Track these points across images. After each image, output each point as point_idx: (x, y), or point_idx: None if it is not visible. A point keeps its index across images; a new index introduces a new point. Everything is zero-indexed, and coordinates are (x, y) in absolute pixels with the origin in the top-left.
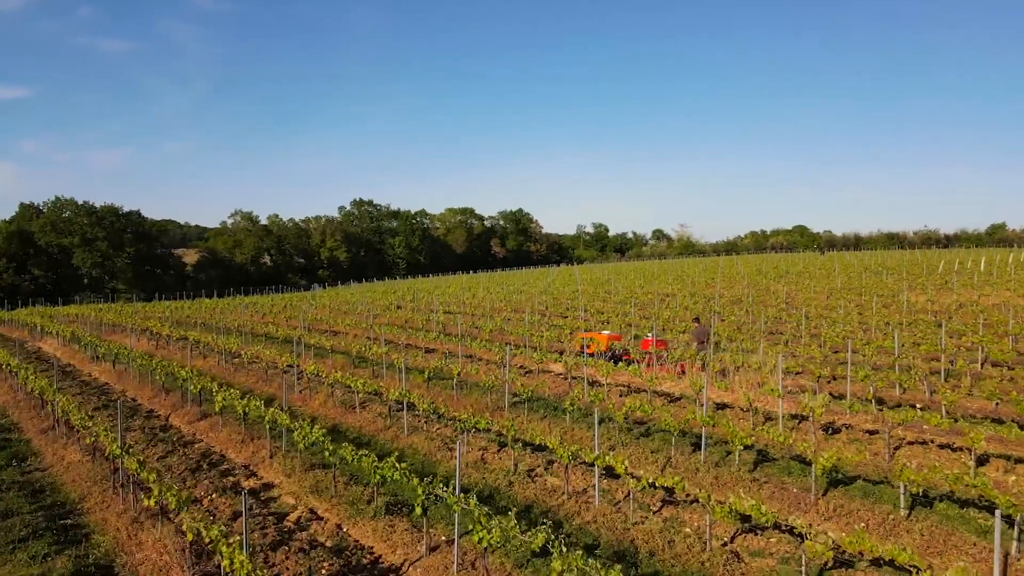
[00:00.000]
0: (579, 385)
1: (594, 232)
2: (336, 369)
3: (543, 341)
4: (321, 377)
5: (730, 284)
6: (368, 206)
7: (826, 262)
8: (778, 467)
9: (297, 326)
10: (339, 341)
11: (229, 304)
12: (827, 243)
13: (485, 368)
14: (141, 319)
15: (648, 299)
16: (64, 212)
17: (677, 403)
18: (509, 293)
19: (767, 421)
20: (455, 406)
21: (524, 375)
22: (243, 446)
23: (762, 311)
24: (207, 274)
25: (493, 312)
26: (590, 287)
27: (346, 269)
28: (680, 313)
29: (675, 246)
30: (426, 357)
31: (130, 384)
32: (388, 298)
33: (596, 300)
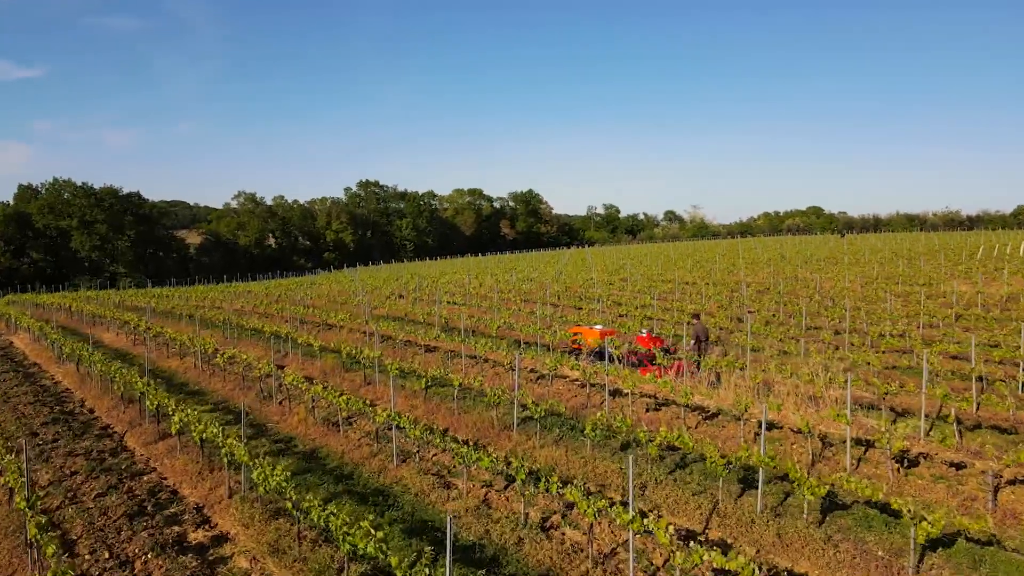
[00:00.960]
0: (598, 394)
1: (605, 213)
2: (324, 373)
3: (556, 340)
4: (302, 389)
5: (753, 270)
6: (375, 187)
7: (851, 246)
8: (853, 517)
9: (290, 318)
10: (332, 337)
11: (225, 291)
12: (845, 225)
13: (492, 372)
14: (124, 310)
15: (667, 288)
16: (62, 194)
17: (714, 421)
18: (519, 281)
19: (825, 447)
20: (456, 424)
21: (535, 381)
22: (200, 479)
23: (795, 303)
24: (210, 257)
25: (501, 304)
26: (604, 274)
27: (352, 251)
28: (705, 305)
29: (688, 228)
30: (426, 358)
31: (91, 391)
32: (390, 286)
33: (612, 288)
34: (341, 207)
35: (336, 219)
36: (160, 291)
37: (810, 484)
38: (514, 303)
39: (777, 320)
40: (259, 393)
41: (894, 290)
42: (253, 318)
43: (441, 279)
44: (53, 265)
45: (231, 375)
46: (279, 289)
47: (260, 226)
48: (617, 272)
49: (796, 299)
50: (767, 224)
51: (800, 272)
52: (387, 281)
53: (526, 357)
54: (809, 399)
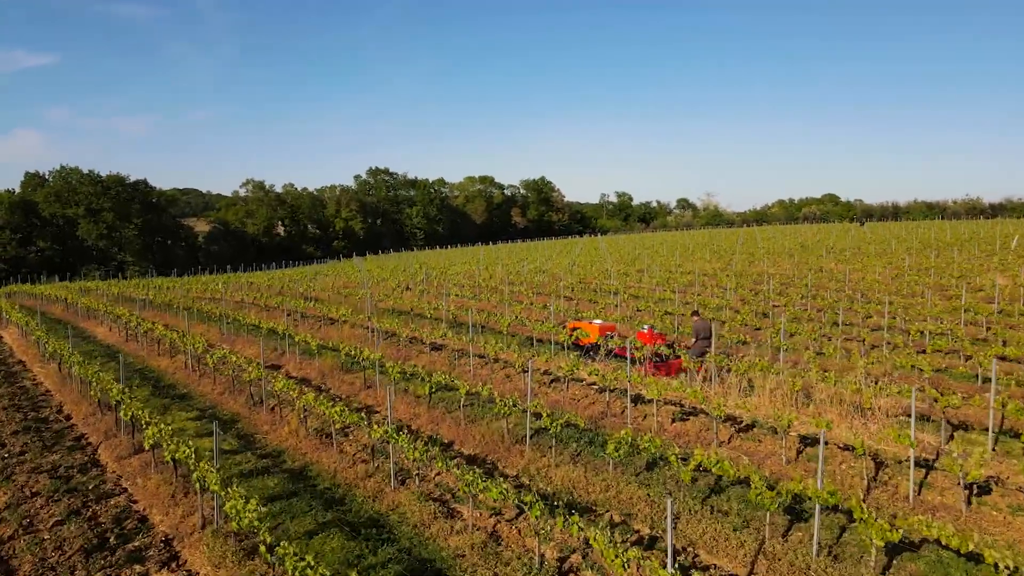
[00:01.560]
0: (618, 400)
1: (617, 201)
2: (323, 374)
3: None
4: (293, 396)
5: (774, 261)
6: (384, 175)
7: (873, 235)
8: (925, 561)
9: (291, 311)
10: (334, 334)
11: (228, 282)
12: (864, 213)
13: (502, 374)
14: (123, 302)
15: (687, 280)
16: (69, 182)
17: (749, 434)
18: (531, 272)
19: (878, 467)
20: (462, 436)
21: (549, 384)
22: (173, 504)
23: (823, 296)
24: (219, 245)
25: (512, 297)
26: (620, 265)
27: (362, 240)
28: (728, 299)
29: (701, 216)
30: (431, 358)
31: (70, 394)
32: (397, 277)
33: (628, 279)
34: (351, 195)
35: (345, 207)
36: (162, 281)
37: (880, 527)
38: (526, 296)
39: (806, 316)
40: (249, 398)
41: (928, 283)
42: (253, 311)
43: (450, 270)
44: (60, 254)
45: (221, 377)
46: (283, 280)
47: (269, 214)
48: (633, 263)
49: (824, 292)
50: (782, 212)
51: (825, 263)
52: (394, 272)
53: (539, 358)
54: (855, 409)
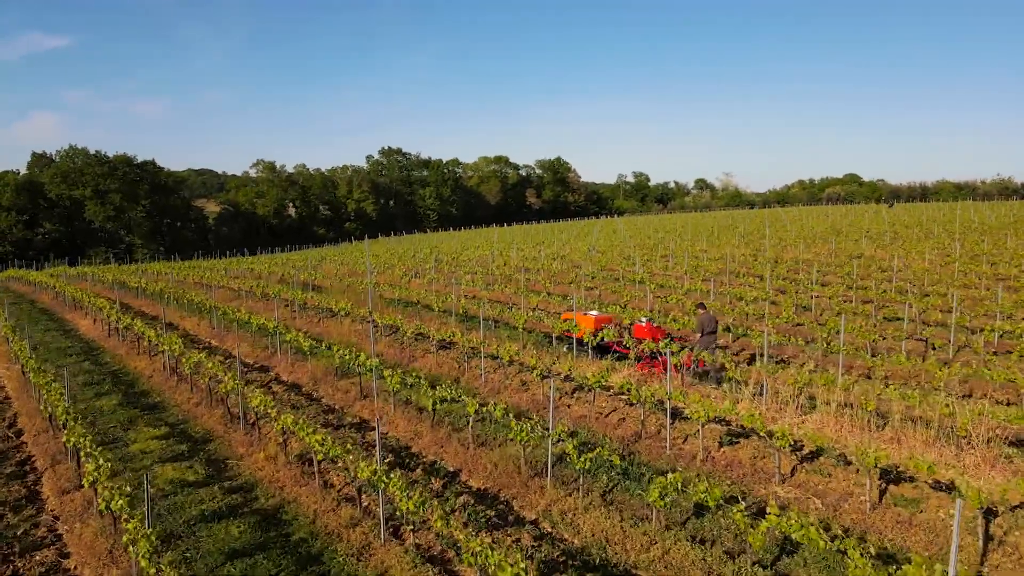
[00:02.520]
0: (652, 415)
1: (634, 182)
2: (315, 380)
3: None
4: (271, 416)
5: (807, 246)
6: (397, 155)
7: (907, 217)
8: None
9: (289, 301)
10: (333, 329)
11: (230, 267)
12: (891, 194)
13: (517, 380)
14: (117, 288)
15: (716, 268)
16: (76, 162)
17: (814, 463)
18: (547, 259)
19: (988, 516)
20: (471, 463)
21: (572, 393)
22: (110, 562)
23: (871, 288)
24: (229, 227)
25: (527, 286)
26: (642, 250)
27: (374, 221)
28: (765, 292)
29: (720, 196)
30: (439, 358)
31: (29, 403)
32: (405, 263)
33: (652, 266)
34: (363, 175)
35: (358, 188)
36: (161, 267)
37: None
38: (543, 285)
39: (850, 310)
40: (226, 412)
41: (986, 272)
42: (250, 301)
43: (462, 254)
44: (67, 236)
45: (200, 385)
46: (286, 266)
47: (279, 195)
48: (656, 248)
49: (868, 282)
50: (804, 193)
51: (863, 248)
52: (403, 258)
53: (559, 360)
54: (943, 433)
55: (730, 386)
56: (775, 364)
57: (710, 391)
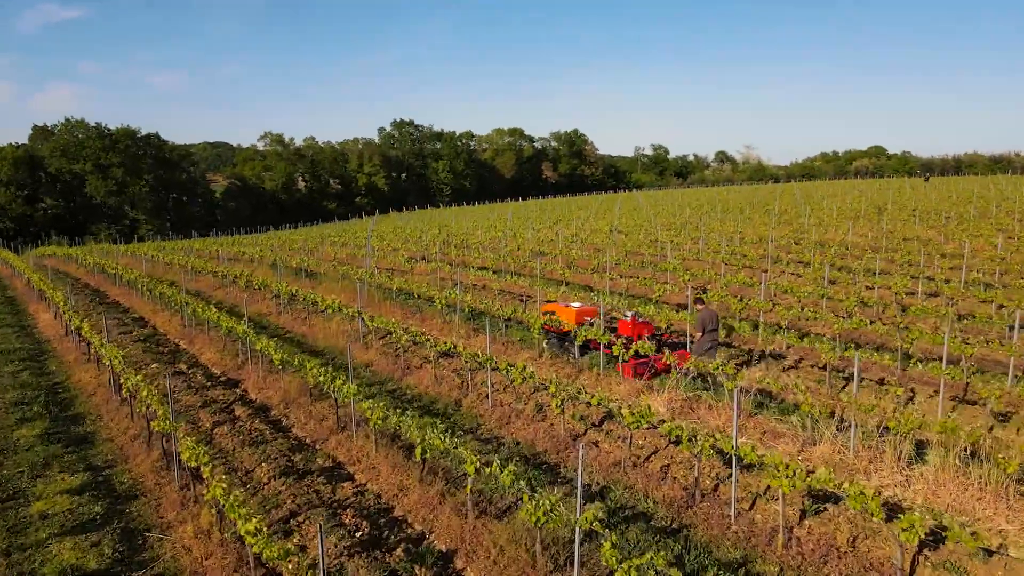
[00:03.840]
0: (709, 465)
1: (653, 155)
2: (286, 402)
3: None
4: (207, 478)
5: (849, 225)
6: (409, 127)
7: (948, 192)
8: None
9: (276, 293)
10: (319, 328)
11: (223, 246)
12: (924, 167)
13: (532, 403)
14: (92, 275)
15: (757, 253)
16: (75, 135)
17: (941, 552)
18: (565, 241)
19: None
20: (471, 540)
21: (600, 423)
22: None
23: (938, 278)
24: (237, 203)
25: (545, 274)
26: (669, 231)
27: (386, 195)
28: (820, 288)
29: (742, 170)
30: (438, 369)
31: None
32: (410, 247)
33: (683, 251)
34: (374, 148)
35: (369, 161)
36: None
37: None
38: (560, 273)
39: (918, 307)
40: (163, 456)
41: None
42: (235, 291)
43: (473, 234)
44: (69, 212)
45: (140, 409)
46: (281, 249)
47: (288, 169)
48: (684, 228)
49: (931, 270)
50: (830, 166)
51: (913, 229)
52: (409, 238)
53: (581, 374)
54: None
55: (800, 419)
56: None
57: (722, 404)
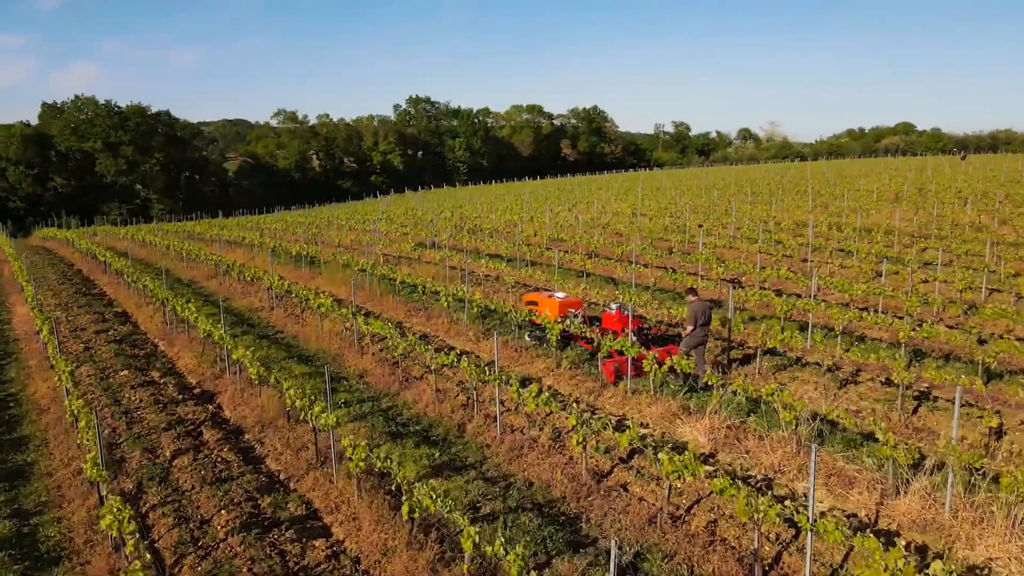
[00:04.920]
0: (769, 529)
1: (674, 132)
2: (262, 424)
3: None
4: (129, 549)
5: (890, 209)
6: (426, 104)
7: (992, 172)
8: None
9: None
10: (311, 327)
11: (223, 230)
12: (958, 144)
13: (548, 429)
14: (84, 260)
15: (796, 241)
16: (85, 113)
17: None
18: (587, 226)
19: None
20: None
21: (628, 460)
22: None
23: (985, 264)
24: (249, 181)
25: (564, 263)
26: (695, 214)
27: (402, 174)
28: (870, 285)
29: (766, 147)
30: (440, 382)
31: None
32: (419, 233)
33: (713, 236)
34: (389, 126)
35: (384, 139)
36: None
37: None
38: (580, 263)
39: (988, 306)
40: (101, 500)
41: None
42: (228, 282)
43: (487, 218)
44: (80, 191)
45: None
46: (284, 236)
47: (301, 147)
48: (711, 211)
49: (991, 261)
50: (858, 143)
51: (959, 213)
52: (420, 221)
53: (602, 392)
54: None
55: (876, 460)
56: (903, 398)
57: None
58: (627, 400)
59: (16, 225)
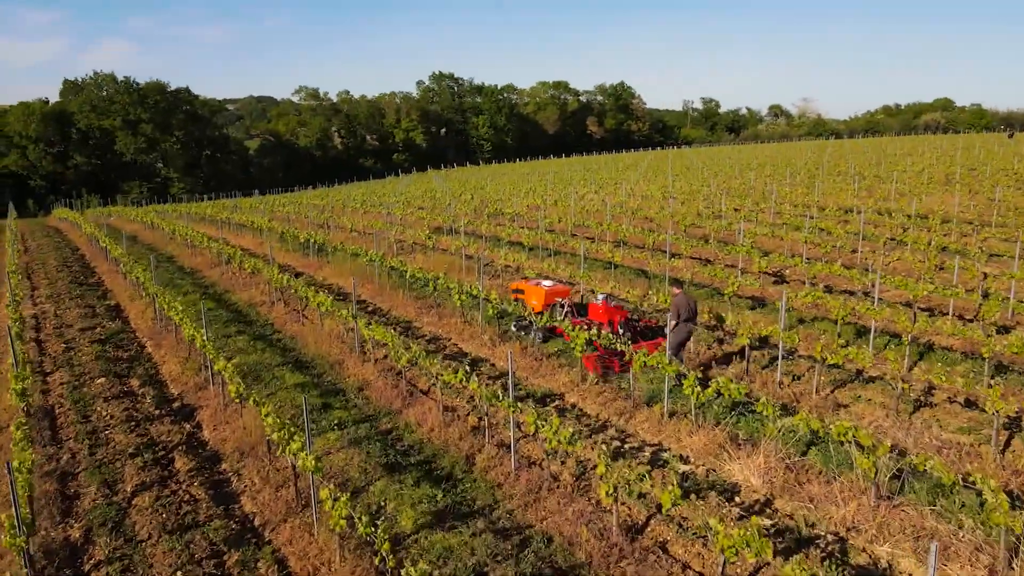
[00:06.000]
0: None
1: (703, 109)
2: (240, 452)
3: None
4: None
5: (936, 191)
6: (449, 80)
7: None
8: None
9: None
10: (308, 328)
11: (235, 211)
12: (1003, 122)
13: (570, 462)
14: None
15: (843, 230)
16: (104, 90)
17: None
18: (614, 211)
19: None
20: None
21: (670, 512)
22: None
23: None
24: (271, 159)
25: (591, 253)
26: (730, 197)
27: (424, 152)
28: (931, 290)
29: (798, 124)
30: (449, 397)
31: None
32: (436, 217)
33: (752, 221)
34: (412, 103)
35: (406, 116)
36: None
37: None
38: (608, 254)
39: None
40: None
41: None
42: (230, 273)
43: (509, 201)
44: (101, 170)
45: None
46: (295, 220)
47: (323, 124)
48: (748, 194)
49: None
50: (895, 120)
51: (1018, 198)
52: (438, 204)
53: (636, 415)
54: None
55: (987, 529)
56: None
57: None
58: (663, 425)
59: (37, 204)
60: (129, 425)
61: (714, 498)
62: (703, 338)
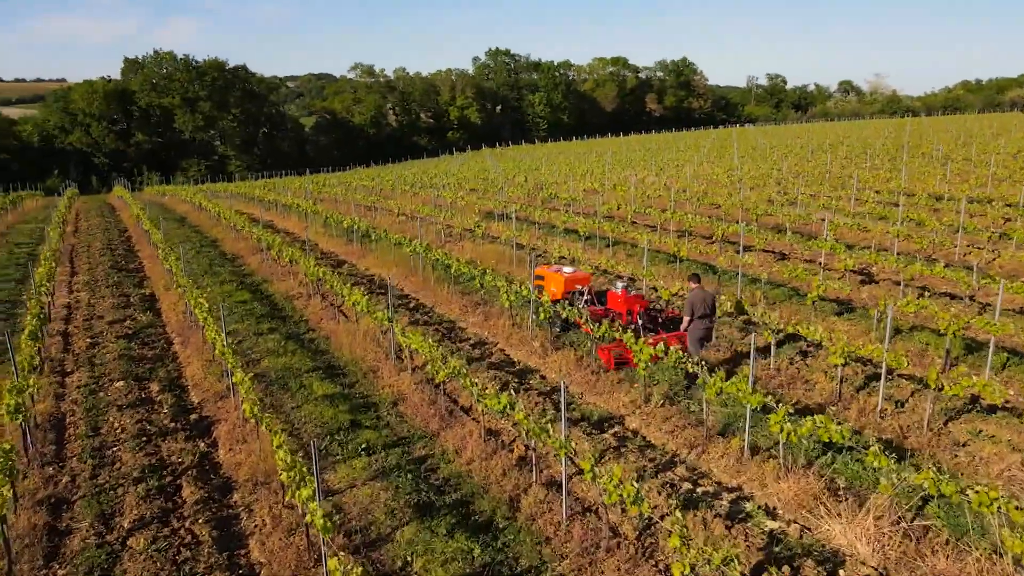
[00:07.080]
0: None
1: (768, 85)
2: (254, 484)
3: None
4: None
5: None
6: (505, 56)
7: None
8: None
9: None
10: (343, 326)
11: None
12: None
13: (628, 522)
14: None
15: (934, 220)
16: (163, 68)
17: None
18: (678, 196)
19: None
20: None
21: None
22: None
23: None
24: (326, 137)
25: (654, 245)
26: (806, 182)
27: (479, 129)
28: None
29: (870, 101)
30: (492, 418)
31: None
32: (487, 201)
33: (832, 210)
34: (467, 80)
35: (461, 94)
36: (222, 188)
37: None
38: (673, 246)
39: None
40: None
41: None
42: (268, 263)
43: (564, 184)
44: (161, 147)
45: None
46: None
47: (377, 102)
48: (825, 179)
49: None
50: (977, 97)
51: None
52: (491, 185)
53: (719, 452)
54: None
55: None
56: None
57: None
58: (744, 465)
59: (101, 181)
60: (140, 441)
61: (811, 570)
62: (785, 351)
